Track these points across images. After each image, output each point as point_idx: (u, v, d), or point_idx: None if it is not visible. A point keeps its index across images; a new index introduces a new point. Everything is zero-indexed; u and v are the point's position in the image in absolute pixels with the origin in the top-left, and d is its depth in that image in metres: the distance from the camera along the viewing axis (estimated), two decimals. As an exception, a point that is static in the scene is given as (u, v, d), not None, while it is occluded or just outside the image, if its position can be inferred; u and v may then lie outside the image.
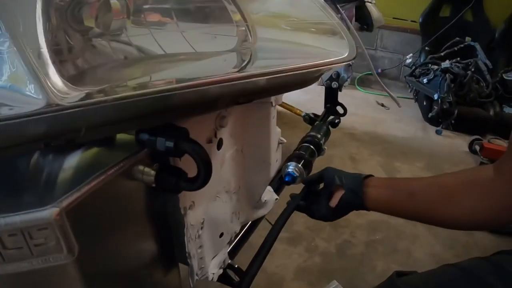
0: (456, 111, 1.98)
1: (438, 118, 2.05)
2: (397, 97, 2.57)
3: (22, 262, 0.33)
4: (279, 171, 0.92)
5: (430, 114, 2.08)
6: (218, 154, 0.52)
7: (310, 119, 1.39)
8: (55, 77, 0.31)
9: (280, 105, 1.37)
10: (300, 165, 0.93)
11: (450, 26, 2.80)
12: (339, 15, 0.99)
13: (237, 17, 0.46)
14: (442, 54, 2.14)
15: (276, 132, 0.73)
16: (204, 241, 0.53)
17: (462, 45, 2.58)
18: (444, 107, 1.97)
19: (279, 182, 0.95)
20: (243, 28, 0.46)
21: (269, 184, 0.84)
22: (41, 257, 0.33)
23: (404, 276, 0.76)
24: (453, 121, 2.02)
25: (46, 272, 0.34)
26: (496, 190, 0.64)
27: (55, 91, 0.30)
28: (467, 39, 2.73)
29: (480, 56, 2.60)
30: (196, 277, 0.56)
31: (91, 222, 0.36)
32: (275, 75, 0.38)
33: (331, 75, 1.47)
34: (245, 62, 0.43)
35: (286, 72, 0.39)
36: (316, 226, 1.39)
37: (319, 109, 1.37)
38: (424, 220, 0.71)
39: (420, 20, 2.27)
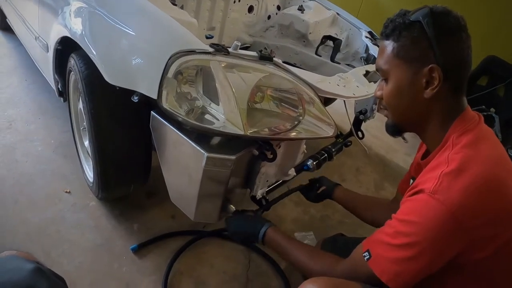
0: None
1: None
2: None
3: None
4: (302, 163, 1.71)
5: (428, 159, 2.70)
6: (279, 150, 1.32)
7: (337, 135, 2.13)
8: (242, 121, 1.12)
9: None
10: (314, 163, 1.71)
11: (481, 94, 3.31)
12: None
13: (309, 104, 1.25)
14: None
15: (303, 148, 1.52)
16: (260, 181, 1.34)
17: (484, 113, 3.09)
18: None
19: (300, 167, 1.73)
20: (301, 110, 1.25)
21: (294, 167, 1.63)
22: (217, 167, 1.16)
23: (342, 236, 1.57)
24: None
25: (218, 172, 1.17)
26: (390, 212, 1.37)
27: (244, 128, 1.11)
28: (492, 110, 3.21)
29: (496, 128, 3.11)
30: (252, 193, 1.39)
31: (237, 164, 1.19)
32: (301, 136, 1.20)
33: (360, 110, 2.17)
34: (297, 123, 1.23)
35: (306, 135, 1.21)
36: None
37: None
38: (356, 214, 1.47)
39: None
